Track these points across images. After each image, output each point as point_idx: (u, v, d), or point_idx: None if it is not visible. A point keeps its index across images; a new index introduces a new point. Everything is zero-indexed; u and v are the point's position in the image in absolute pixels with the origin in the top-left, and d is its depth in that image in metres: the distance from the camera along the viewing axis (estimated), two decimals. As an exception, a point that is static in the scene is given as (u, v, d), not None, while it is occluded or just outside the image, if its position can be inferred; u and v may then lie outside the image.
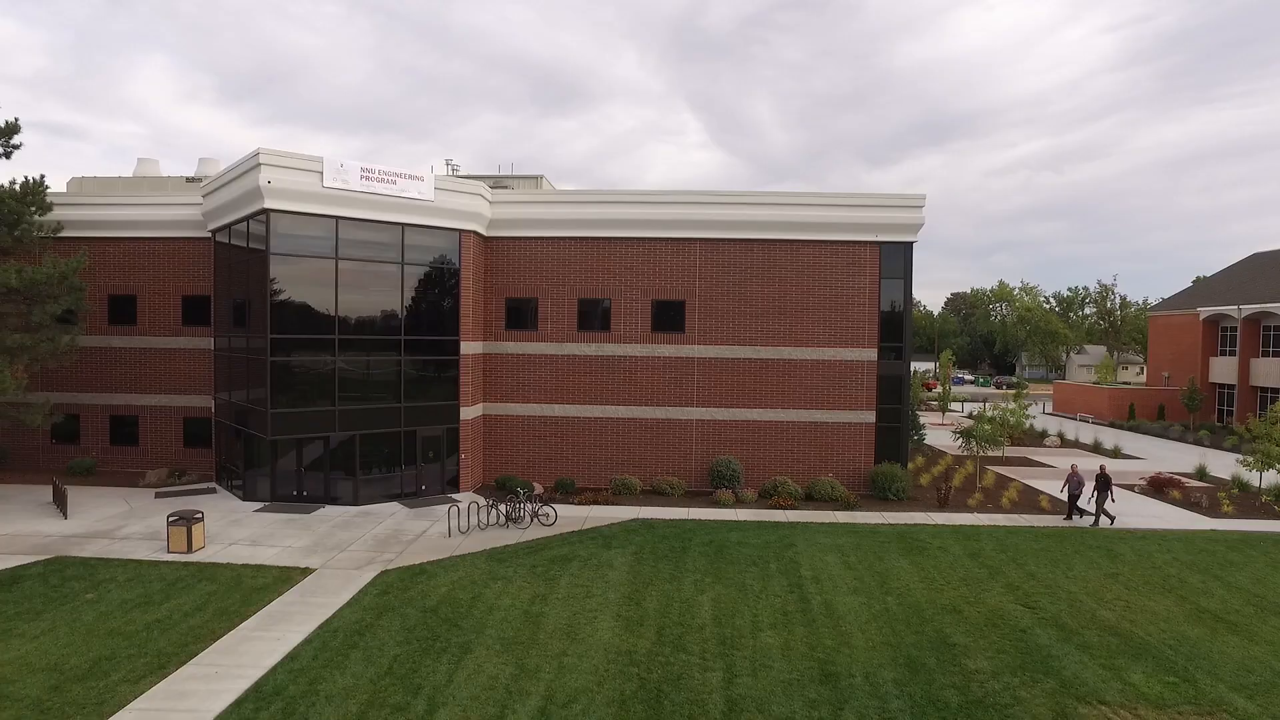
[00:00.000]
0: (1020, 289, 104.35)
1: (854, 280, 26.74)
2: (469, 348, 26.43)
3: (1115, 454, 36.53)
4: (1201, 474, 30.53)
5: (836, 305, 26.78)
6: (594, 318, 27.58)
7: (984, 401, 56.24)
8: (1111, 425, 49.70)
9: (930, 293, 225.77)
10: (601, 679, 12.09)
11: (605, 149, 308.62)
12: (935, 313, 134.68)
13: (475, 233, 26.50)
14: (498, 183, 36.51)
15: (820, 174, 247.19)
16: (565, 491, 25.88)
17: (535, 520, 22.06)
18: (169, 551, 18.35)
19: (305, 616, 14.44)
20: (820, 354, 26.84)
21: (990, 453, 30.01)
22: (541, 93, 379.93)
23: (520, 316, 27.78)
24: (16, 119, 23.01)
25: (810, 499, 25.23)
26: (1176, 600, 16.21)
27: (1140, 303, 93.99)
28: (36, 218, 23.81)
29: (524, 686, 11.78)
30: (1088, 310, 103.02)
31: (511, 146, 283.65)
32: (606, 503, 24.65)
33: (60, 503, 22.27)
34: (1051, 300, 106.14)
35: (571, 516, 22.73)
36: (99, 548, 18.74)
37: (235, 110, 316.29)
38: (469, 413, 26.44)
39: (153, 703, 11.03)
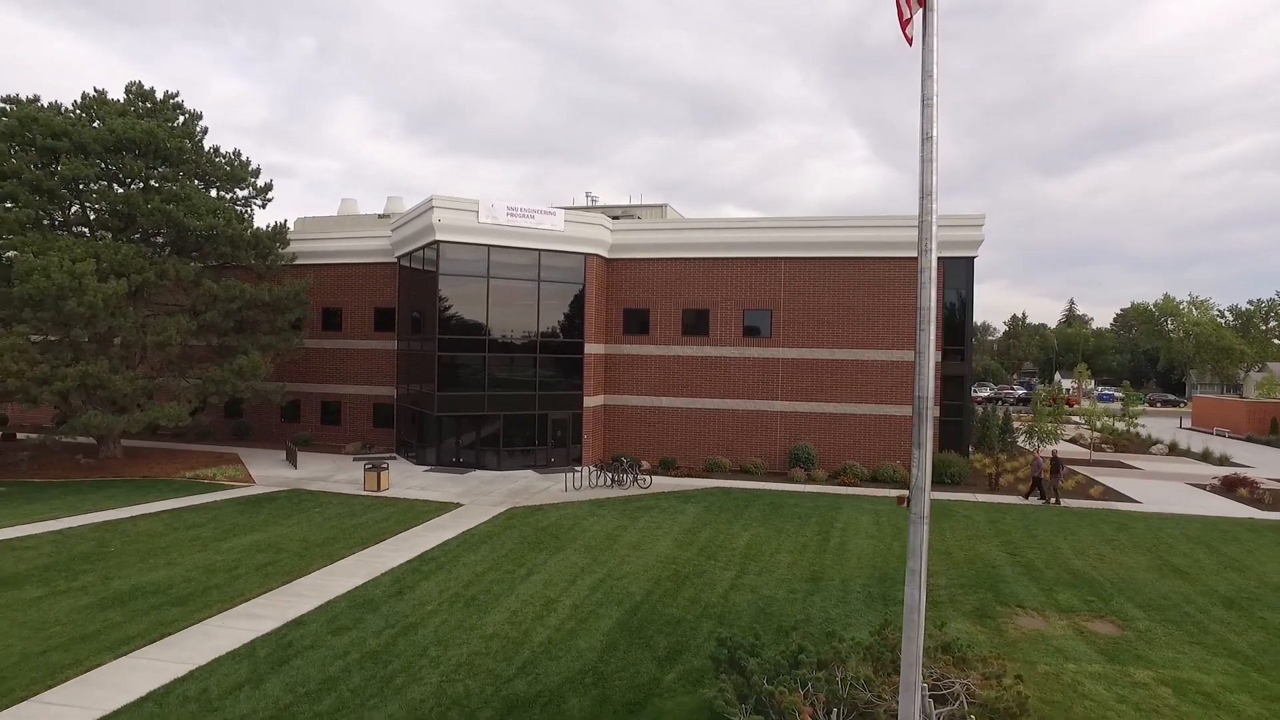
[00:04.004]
0: (1188, 303, 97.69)
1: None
2: (591, 349, 32.31)
3: (1222, 462, 36.56)
4: (1300, 480, 30.76)
5: (903, 313, 30.26)
6: (695, 324, 32.67)
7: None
8: (1249, 440, 48.05)
9: (1104, 309, 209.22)
10: (647, 569, 17.15)
11: (765, 167, 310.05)
12: (1103, 329, 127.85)
13: (598, 255, 32.42)
14: (627, 211, 42.68)
15: (990, 186, 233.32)
16: (666, 468, 31.04)
17: (635, 484, 27.38)
18: (364, 489, 25.36)
19: (454, 527, 20.58)
20: (889, 355, 30.39)
21: (1056, 450, 31.85)
22: (701, 113, 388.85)
23: (635, 323, 33.38)
24: (271, 180, 31.89)
25: (875, 480, 28.84)
26: (1151, 559, 18.85)
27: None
28: (280, 250, 32.40)
29: (592, 569, 17.06)
30: (1272, 324, 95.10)
31: (670, 167, 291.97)
32: (698, 476, 29.61)
33: (291, 459, 30.35)
34: (1228, 314, 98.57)
35: (666, 484, 27.85)
36: (319, 485, 26.16)
37: (417, 143, 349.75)
38: (590, 402, 32.29)
39: (361, 557, 17.45)
